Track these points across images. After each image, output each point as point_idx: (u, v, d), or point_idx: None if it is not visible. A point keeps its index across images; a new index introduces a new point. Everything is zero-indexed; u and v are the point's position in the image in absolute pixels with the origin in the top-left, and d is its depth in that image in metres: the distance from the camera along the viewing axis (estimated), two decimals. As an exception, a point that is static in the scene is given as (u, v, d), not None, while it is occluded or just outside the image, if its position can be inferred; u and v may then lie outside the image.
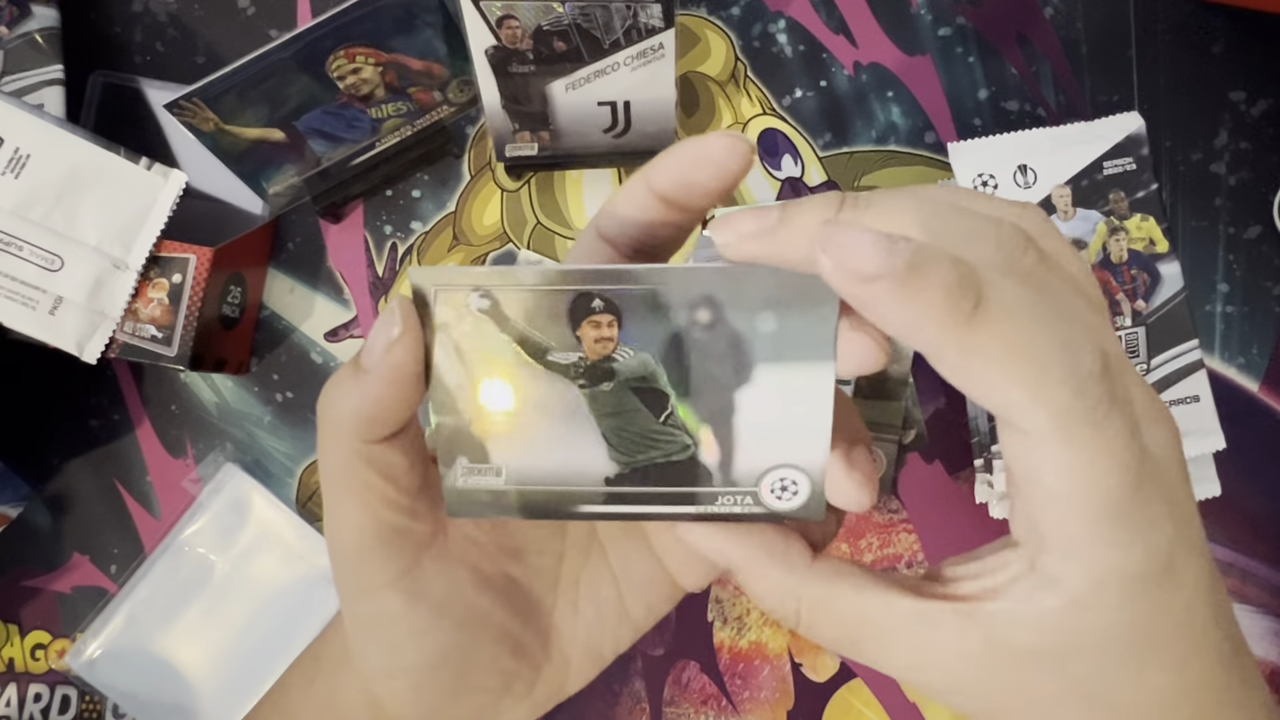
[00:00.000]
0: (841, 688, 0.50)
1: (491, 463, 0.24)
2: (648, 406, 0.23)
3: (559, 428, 0.23)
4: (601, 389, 0.23)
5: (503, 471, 0.24)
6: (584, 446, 0.23)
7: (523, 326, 0.22)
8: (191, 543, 0.51)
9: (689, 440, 0.23)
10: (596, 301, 0.22)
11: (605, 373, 0.23)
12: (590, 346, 0.22)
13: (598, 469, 0.23)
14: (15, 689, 0.52)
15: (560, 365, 0.23)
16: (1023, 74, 0.51)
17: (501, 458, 0.24)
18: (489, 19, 0.42)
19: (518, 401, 0.23)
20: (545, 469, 0.24)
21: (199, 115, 0.44)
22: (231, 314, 0.50)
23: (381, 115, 0.49)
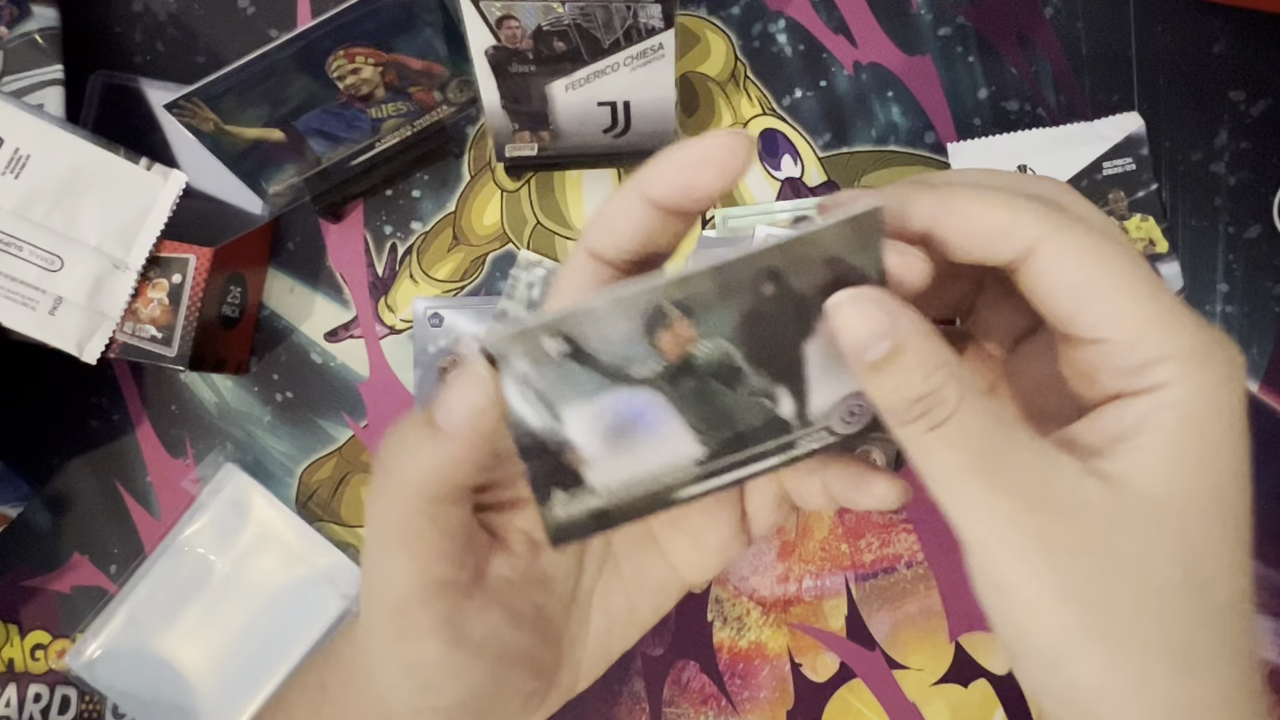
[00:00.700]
0: (841, 688, 0.50)
1: (587, 484, 0.25)
2: (727, 386, 0.24)
3: (648, 433, 0.24)
4: (684, 385, 0.23)
5: (599, 488, 0.25)
6: (673, 441, 0.24)
7: (601, 355, 0.23)
8: (191, 543, 0.51)
9: (768, 402, 0.24)
10: (672, 310, 0.22)
11: (686, 369, 0.23)
12: (670, 350, 0.23)
13: (688, 455, 0.24)
14: (15, 689, 0.52)
15: (642, 378, 0.23)
16: (1023, 74, 0.51)
17: (596, 477, 0.24)
18: (489, 19, 0.42)
19: (606, 422, 0.24)
20: (639, 473, 0.24)
21: (199, 115, 0.44)
22: (231, 314, 0.50)
23: (381, 115, 0.49)
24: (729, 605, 0.50)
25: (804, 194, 0.52)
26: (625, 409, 0.24)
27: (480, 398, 0.23)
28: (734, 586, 0.50)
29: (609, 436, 0.24)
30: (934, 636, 0.49)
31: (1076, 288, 0.23)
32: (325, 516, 0.52)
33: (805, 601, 0.50)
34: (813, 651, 0.50)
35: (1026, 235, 0.23)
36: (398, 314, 0.52)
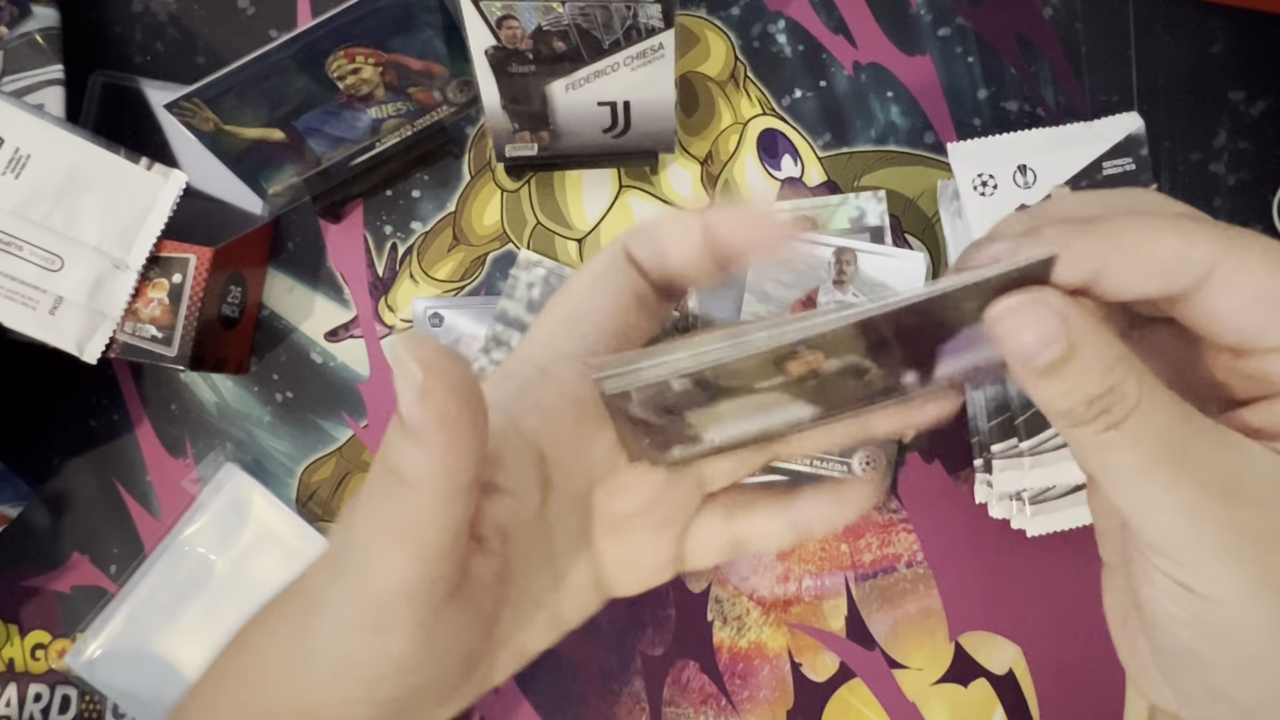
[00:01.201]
0: (841, 687, 0.50)
1: (705, 440, 0.26)
2: (851, 379, 0.24)
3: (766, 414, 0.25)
4: (807, 385, 0.24)
5: (717, 441, 0.26)
6: (789, 412, 0.25)
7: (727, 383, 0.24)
8: (191, 542, 0.51)
9: (892, 379, 0.24)
10: (803, 350, 0.23)
11: (811, 377, 0.24)
12: (797, 371, 0.24)
13: (802, 417, 0.26)
14: (15, 689, 0.52)
15: (766, 388, 0.24)
16: (1022, 74, 0.51)
17: (713, 437, 0.26)
18: (489, 19, 0.42)
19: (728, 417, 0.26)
20: (756, 428, 0.26)
21: (199, 115, 0.44)
22: (231, 314, 0.50)
23: (381, 115, 0.49)
24: (729, 605, 0.50)
25: (804, 194, 0.52)
26: (748, 407, 0.25)
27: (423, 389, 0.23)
28: (734, 586, 0.50)
29: (729, 418, 0.25)
30: (934, 636, 0.49)
31: (1265, 302, 0.21)
32: (325, 516, 0.52)
33: (805, 601, 0.50)
34: (812, 651, 0.50)
35: (1204, 257, 0.21)
36: (398, 314, 0.52)
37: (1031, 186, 0.49)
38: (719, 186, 0.52)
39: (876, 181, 0.51)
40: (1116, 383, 0.21)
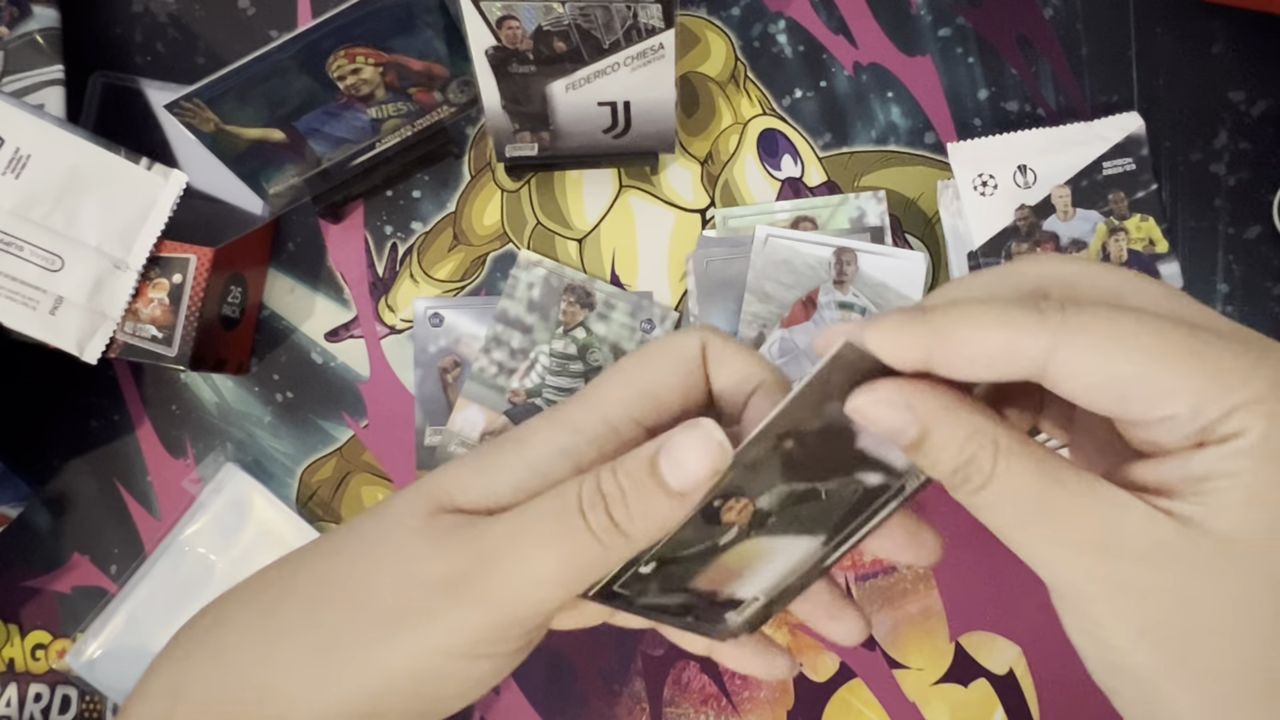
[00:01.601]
0: (841, 688, 0.50)
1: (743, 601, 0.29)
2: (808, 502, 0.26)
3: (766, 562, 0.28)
4: (769, 524, 0.26)
5: (755, 596, 0.29)
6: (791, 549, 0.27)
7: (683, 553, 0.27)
8: (192, 543, 0.51)
9: (854, 484, 0.26)
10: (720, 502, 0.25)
11: (762, 518, 0.26)
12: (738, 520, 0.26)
13: (810, 547, 0.27)
14: (15, 689, 0.52)
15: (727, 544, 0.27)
16: (1022, 74, 0.51)
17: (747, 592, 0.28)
18: (489, 19, 0.42)
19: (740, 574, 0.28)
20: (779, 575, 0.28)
21: (199, 115, 0.44)
22: (231, 314, 0.50)
23: (382, 115, 0.49)
24: (729, 605, 0.50)
25: (804, 194, 0.52)
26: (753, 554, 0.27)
27: (719, 461, 0.25)
28: (734, 586, 0.50)
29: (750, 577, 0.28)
30: (934, 636, 0.49)
31: (1112, 382, 0.22)
32: (326, 516, 0.52)
33: (805, 601, 0.50)
34: (813, 651, 0.50)
35: (1035, 348, 0.22)
36: (398, 314, 0.52)
37: (1031, 186, 0.49)
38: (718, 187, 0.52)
39: (877, 182, 0.51)
40: (970, 456, 0.23)
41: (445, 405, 0.51)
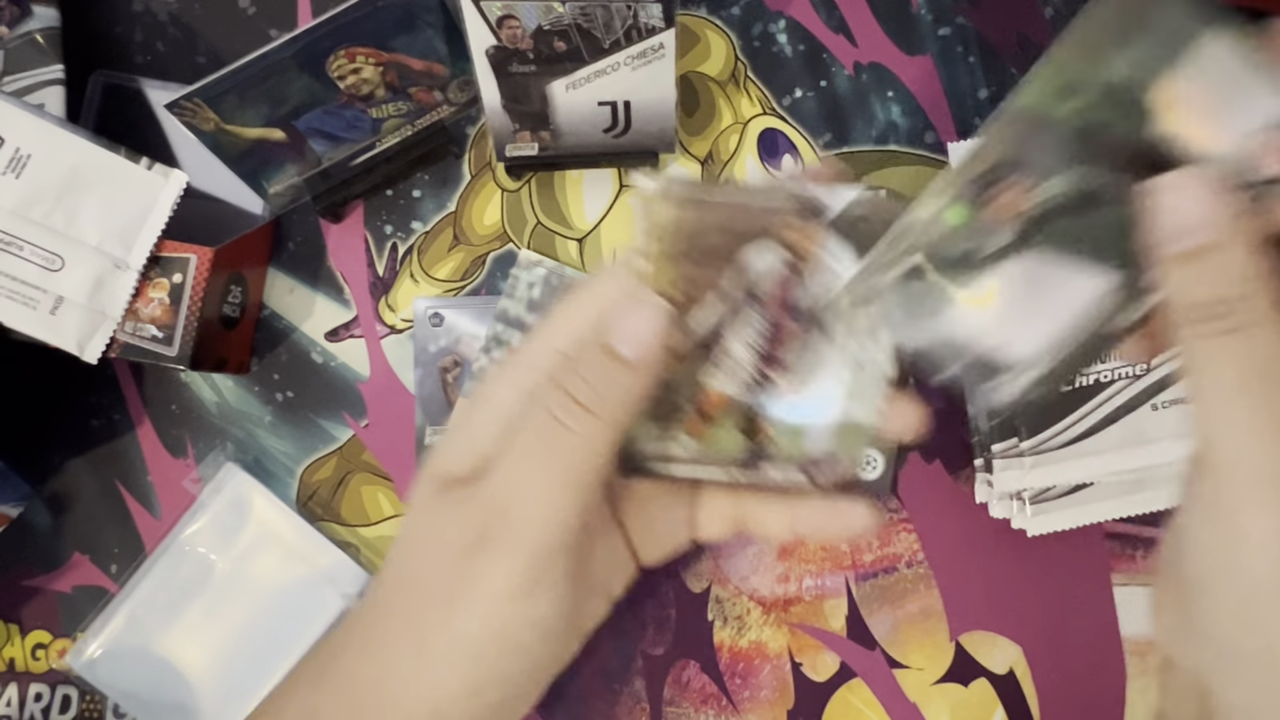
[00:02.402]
0: (841, 687, 0.50)
1: (1013, 364, 0.26)
2: (1088, 211, 0.23)
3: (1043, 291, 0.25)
4: (1041, 236, 0.24)
5: (1028, 359, 0.26)
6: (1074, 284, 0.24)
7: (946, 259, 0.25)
8: (192, 542, 0.51)
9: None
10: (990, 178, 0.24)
11: (1035, 224, 0.24)
12: (1007, 215, 0.24)
13: (1102, 288, 0.25)
14: (16, 689, 0.52)
15: (996, 252, 0.25)
16: (1023, 74, 0.51)
17: (1018, 353, 0.26)
18: (489, 19, 0.42)
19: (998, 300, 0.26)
20: (1062, 328, 0.26)
21: (199, 115, 0.44)
22: (232, 314, 0.50)
23: (382, 115, 0.49)
24: (729, 605, 0.50)
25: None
26: (1003, 286, 0.24)
27: (661, 320, 0.25)
28: (734, 586, 0.50)
29: (1005, 317, 0.24)
30: (934, 636, 0.49)
31: None
32: (326, 516, 0.52)
33: (805, 601, 0.50)
34: (813, 651, 0.50)
35: None
36: (398, 314, 0.52)
37: (1032, 186, 0.49)
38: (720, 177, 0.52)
39: (877, 181, 0.51)
40: (1249, 292, 0.21)
41: (445, 405, 0.51)
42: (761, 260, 0.26)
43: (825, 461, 0.28)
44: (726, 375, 0.27)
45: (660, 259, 0.26)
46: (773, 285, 0.26)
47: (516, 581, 0.26)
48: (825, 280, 0.26)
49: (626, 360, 0.25)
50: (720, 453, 0.28)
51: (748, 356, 0.27)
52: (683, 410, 0.28)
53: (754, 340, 0.27)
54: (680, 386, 0.27)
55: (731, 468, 0.29)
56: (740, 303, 0.27)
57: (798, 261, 0.26)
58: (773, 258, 0.26)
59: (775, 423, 0.28)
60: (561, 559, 0.26)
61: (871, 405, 0.27)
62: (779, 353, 0.27)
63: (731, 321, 0.27)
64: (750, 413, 0.28)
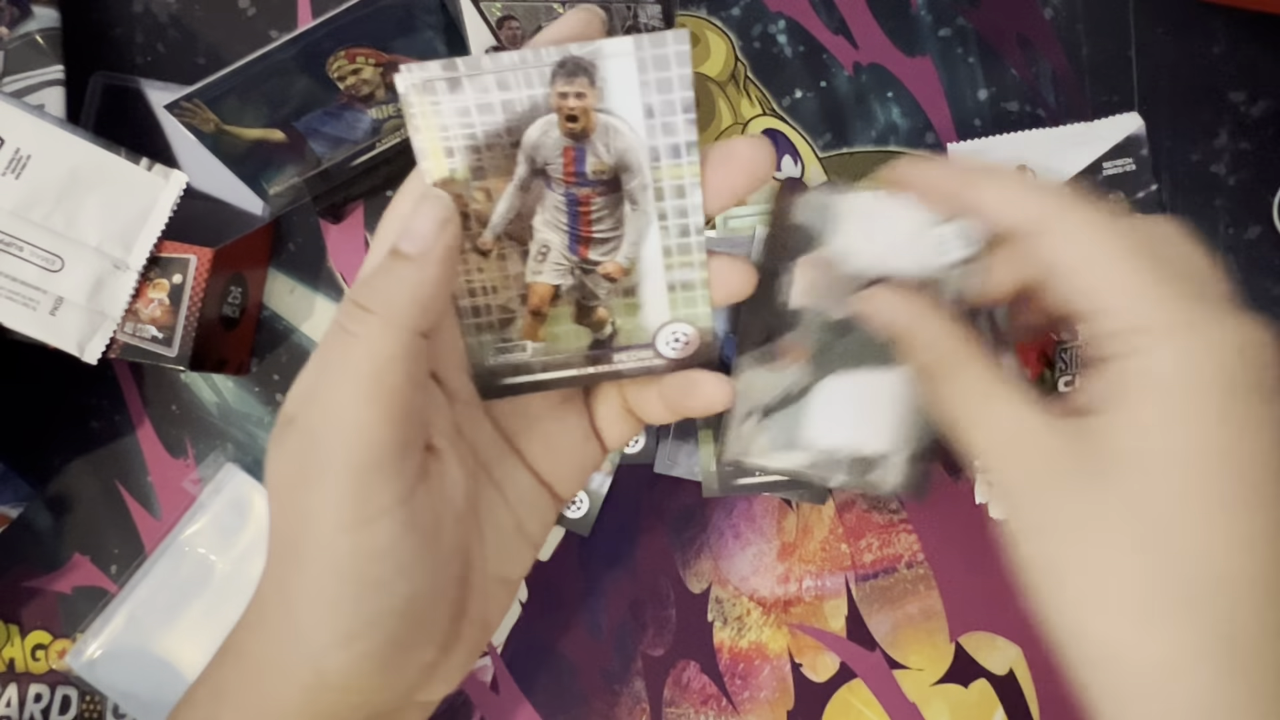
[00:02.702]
0: (841, 688, 0.50)
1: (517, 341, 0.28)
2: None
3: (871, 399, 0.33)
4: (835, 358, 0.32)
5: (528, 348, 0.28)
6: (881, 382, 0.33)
7: None
8: (192, 543, 0.51)
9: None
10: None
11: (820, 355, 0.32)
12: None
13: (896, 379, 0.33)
14: (15, 689, 0.52)
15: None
16: (1023, 74, 0.51)
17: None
18: (489, 20, 0.42)
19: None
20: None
21: (199, 116, 0.44)
22: (232, 314, 0.50)
23: (382, 116, 0.49)
24: (729, 605, 0.50)
25: (804, 194, 0.52)
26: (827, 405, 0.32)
27: (437, 209, 0.24)
28: (734, 587, 0.50)
29: (846, 425, 0.32)
30: (934, 636, 0.49)
31: (1077, 261, 0.27)
32: (326, 517, 0.52)
33: (805, 602, 0.50)
34: (813, 651, 0.50)
35: (1037, 213, 0.27)
36: (398, 314, 0.52)
37: (1032, 187, 0.49)
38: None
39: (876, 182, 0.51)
40: (940, 355, 0.29)
41: (445, 405, 0.51)
42: (543, 134, 0.25)
43: (666, 333, 0.28)
44: (545, 266, 0.27)
45: (435, 154, 0.25)
46: (561, 158, 0.25)
47: (342, 510, 0.24)
48: (615, 143, 0.25)
49: (406, 255, 0.25)
50: (565, 349, 0.28)
51: (559, 239, 0.27)
52: (515, 314, 0.27)
53: (560, 221, 0.26)
54: (503, 288, 0.27)
55: (583, 365, 0.28)
56: (535, 184, 0.26)
57: (578, 128, 0.25)
58: (554, 130, 0.25)
59: (607, 302, 0.27)
60: (387, 479, 0.24)
61: (696, 262, 0.27)
62: (589, 229, 0.27)
63: (532, 207, 0.26)
64: (581, 300, 0.27)
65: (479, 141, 0.25)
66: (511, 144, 0.25)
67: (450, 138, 0.25)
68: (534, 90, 0.25)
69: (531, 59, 0.24)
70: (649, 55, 0.24)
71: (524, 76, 0.24)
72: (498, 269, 0.27)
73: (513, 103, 0.25)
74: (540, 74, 0.24)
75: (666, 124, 0.25)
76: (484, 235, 0.26)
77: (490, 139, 0.25)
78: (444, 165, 0.25)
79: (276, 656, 0.26)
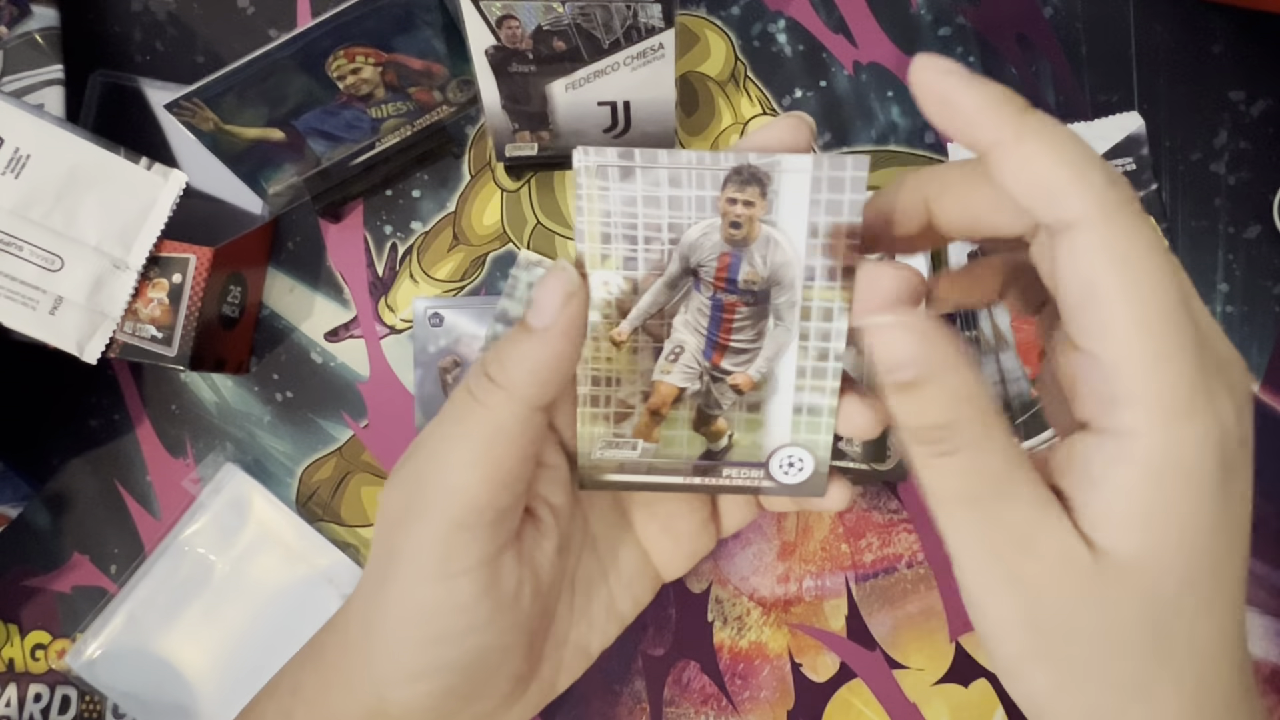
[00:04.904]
0: (841, 688, 0.50)
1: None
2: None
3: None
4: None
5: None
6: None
7: None
8: (191, 543, 0.51)
9: None
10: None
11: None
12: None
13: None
14: (15, 689, 0.52)
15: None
16: (1023, 74, 0.51)
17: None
18: (489, 19, 0.42)
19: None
20: None
21: (199, 115, 0.44)
22: (231, 314, 0.50)
23: (381, 115, 0.49)
24: (729, 605, 0.50)
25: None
26: None
27: (565, 284, 0.25)
28: (734, 586, 0.50)
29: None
30: (934, 636, 0.49)
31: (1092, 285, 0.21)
32: (325, 516, 0.52)
33: (805, 601, 0.50)
34: (813, 651, 0.50)
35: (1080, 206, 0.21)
36: (398, 314, 0.52)
37: (1032, 186, 0.49)
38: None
39: (877, 181, 0.51)
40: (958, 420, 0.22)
41: (445, 405, 0.51)
42: (703, 236, 0.25)
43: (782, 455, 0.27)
44: (676, 367, 0.27)
45: (593, 237, 0.25)
46: (716, 262, 0.25)
47: (430, 561, 0.25)
48: (773, 256, 0.25)
49: (533, 329, 0.25)
50: (676, 455, 0.28)
51: (695, 342, 0.26)
52: (633, 410, 0.27)
53: (700, 324, 0.26)
54: (627, 382, 0.27)
55: (690, 475, 0.28)
56: (683, 284, 0.26)
57: (741, 235, 0.25)
58: (715, 233, 0.25)
59: (730, 415, 0.27)
60: (477, 540, 0.25)
61: (828, 389, 0.26)
62: (728, 338, 0.26)
63: (675, 306, 0.26)
64: (703, 407, 0.27)
65: (638, 233, 0.25)
66: (669, 241, 0.25)
67: (611, 224, 0.25)
68: (704, 191, 0.24)
69: (709, 160, 0.24)
70: (825, 176, 0.24)
71: (697, 177, 0.24)
72: (627, 362, 0.26)
73: (680, 200, 0.25)
74: (714, 176, 0.24)
75: (828, 246, 0.24)
76: (621, 326, 0.26)
77: (649, 232, 0.25)
78: (599, 250, 0.25)
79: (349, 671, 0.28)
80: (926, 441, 0.23)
